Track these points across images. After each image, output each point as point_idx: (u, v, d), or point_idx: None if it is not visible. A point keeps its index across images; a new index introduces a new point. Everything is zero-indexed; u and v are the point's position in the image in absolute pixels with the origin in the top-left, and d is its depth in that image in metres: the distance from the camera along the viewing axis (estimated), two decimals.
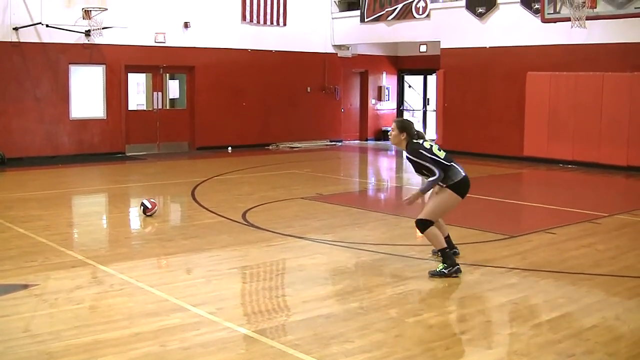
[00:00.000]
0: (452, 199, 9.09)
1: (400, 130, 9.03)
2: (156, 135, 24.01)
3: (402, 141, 9.03)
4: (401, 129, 9.03)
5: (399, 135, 9.02)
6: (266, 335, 6.66)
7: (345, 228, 11.72)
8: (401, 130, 9.02)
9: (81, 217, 13.81)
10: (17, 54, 20.82)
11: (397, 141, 9.08)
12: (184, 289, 8.16)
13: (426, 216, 8.93)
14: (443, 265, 8.78)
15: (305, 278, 8.75)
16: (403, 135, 9.00)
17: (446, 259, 8.83)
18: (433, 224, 8.94)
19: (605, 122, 19.86)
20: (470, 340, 6.67)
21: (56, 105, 21.72)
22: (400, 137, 9.01)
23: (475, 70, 23.29)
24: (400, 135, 9.01)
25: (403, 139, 9.00)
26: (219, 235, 11.13)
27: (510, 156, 22.04)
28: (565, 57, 20.81)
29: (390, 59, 29.86)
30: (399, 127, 9.06)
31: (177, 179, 17.96)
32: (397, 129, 9.06)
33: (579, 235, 11.30)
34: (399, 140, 9.06)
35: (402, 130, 9.02)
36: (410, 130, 9.07)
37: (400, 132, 9.01)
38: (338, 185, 17.30)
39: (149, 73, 24.15)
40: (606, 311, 7.44)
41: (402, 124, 9.11)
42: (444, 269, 8.74)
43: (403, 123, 9.16)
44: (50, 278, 8.58)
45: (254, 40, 25.60)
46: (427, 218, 8.91)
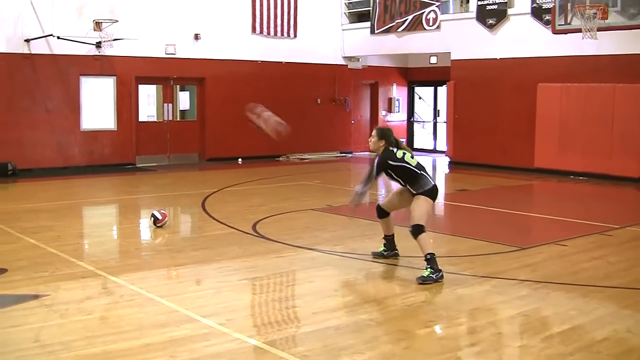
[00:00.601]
0: (430, 203, 9.55)
1: (379, 137, 9.62)
2: (166, 146, 24.04)
3: (379, 147, 9.58)
4: (380, 136, 9.62)
5: (377, 142, 9.61)
6: (276, 346, 6.65)
7: (355, 239, 11.70)
8: (380, 138, 9.61)
9: (92, 228, 13.82)
10: (28, 65, 20.89)
11: (376, 147, 9.64)
12: (194, 300, 8.15)
13: (420, 221, 9.22)
14: (430, 270, 9.00)
15: (315, 289, 8.74)
16: (382, 142, 9.57)
17: (433, 263, 9.05)
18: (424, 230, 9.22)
19: (617, 133, 19.81)
20: (481, 352, 6.64)
21: (67, 116, 21.77)
22: (379, 144, 9.58)
23: (486, 82, 23.26)
24: (379, 142, 9.59)
25: (381, 145, 9.56)
26: (229, 247, 11.12)
27: (520, 168, 21.97)
28: (576, 69, 20.77)
29: (401, 71, 29.86)
30: (379, 134, 9.65)
31: (188, 190, 17.98)
32: (376, 136, 9.65)
33: (590, 248, 11.26)
34: (377, 147, 9.62)
35: (381, 137, 9.61)
36: (389, 138, 9.63)
37: (379, 139, 9.60)
38: (348, 196, 17.25)
39: (159, 84, 24.19)
40: (617, 324, 7.41)
41: (382, 132, 9.69)
42: (431, 274, 8.96)
43: (383, 131, 9.74)
44: (61, 288, 8.58)
45: (264, 52, 25.64)
46: (421, 222, 9.22)
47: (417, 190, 9.37)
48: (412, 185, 9.43)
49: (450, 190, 18.90)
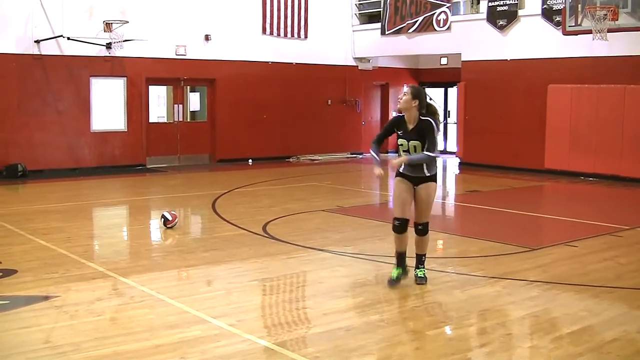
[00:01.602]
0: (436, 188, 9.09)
1: (413, 96, 8.73)
2: (177, 147, 24.07)
3: (412, 108, 8.73)
4: (415, 95, 8.75)
5: (410, 101, 8.70)
6: (287, 347, 6.65)
7: (366, 240, 11.69)
8: (414, 97, 8.73)
9: (102, 229, 13.84)
10: (38, 66, 20.94)
11: (408, 106, 8.73)
12: (205, 301, 8.16)
13: (429, 216, 9.01)
14: (425, 269, 9.06)
15: (326, 290, 8.74)
16: (415, 102, 8.71)
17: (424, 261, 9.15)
18: None
19: (627, 134, 19.76)
20: (491, 353, 6.64)
21: (77, 117, 21.82)
22: (412, 103, 8.71)
23: (496, 83, 23.23)
24: (412, 102, 8.71)
25: (414, 105, 8.71)
26: (240, 248, 11.13)
27: (531, 169, 21.94)
28: (587, 70, 20.73)
29: (411, 72, 29.83)
30: (413, 93, 8.76)
31: (198, 191, 18.00)
32: (410, 94, 8.75)
33: (601, 248, 11.23)
34: (409, 106, 8.72)
35: (416, 97, 8.74)
36: (423, 100, 8.83)
37: (413, 98, 8.72)
38: (359, 197, 17.29)
39: (169, 85, 24.21)
40: (628, 325, 7.39)
41: (417, 91, 8.81)
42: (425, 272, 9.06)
43: (418, 90, 8.86)
44: (71, 290, 8.60)
45: (275, 53, 25.66)
46: (429, 219, 9.01)
47: (430, 172, 8.85)
48: (431, 165, 8.83)
49: (461, 191, 18.89)
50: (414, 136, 8.68)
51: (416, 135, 8.66)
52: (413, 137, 8.69)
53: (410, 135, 8.72)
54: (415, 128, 8.69)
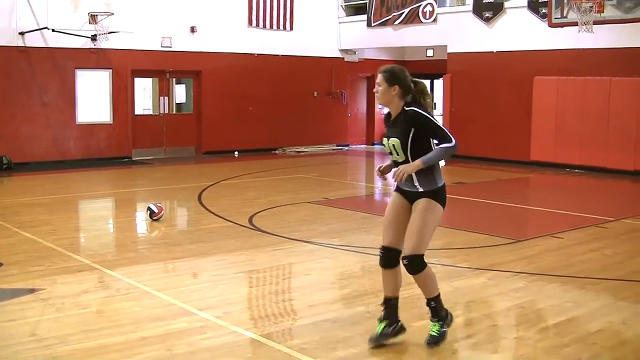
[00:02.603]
0: (439, 214, 6.52)
1: (389, 82, 6.36)
2: (163, 139, 24.03)
3: (394, 97, 6.38)
4: (391, 79, 6.36)
5: (388, 89, 6.36)
6: (273, 339, 6.66)
7: (352, 232, 11.70)
8: (391, 82, 6.35)
9: (88, 221, 13.81)
10: (23, 59, 20.86)
11: (389, 97, 6.39)
12: (191, 293, 8.16)
13: (421, 247, 6.38)
14: (438, 323, 6.49)
15: (312, 282, 8.76)
16: (395, 89, 6.35)
17: (439, 310, 6.52)
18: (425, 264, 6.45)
19: (613, 126, 19.82)
20: (477, 344, 6.65)
21: (63, 110, 21.75)
22: (391, 91, 6.35)
23: (482, 75, 23.27)
24: (390, 90, 6.35)
25: (395, 93, 6.36)
26: (226, 240, 11.12)
27: (517, 161, 21.99)
28: (573, 62, 20.78)
29: (397, 64, 29.70)
30: (388, 78, 6.37)
31: (184, 183, 17.97)
32: (385, 80, 6.37)
33: (586, 240, 11.27)
34: (390, 97, 6.38)
35: (393, 81, 6.36)
36: (403, 81, 6.40)
37: (390, 84, 6.35)
38: (345, 189, 17.29)
39: (155, 77, 24.15)
40: (613, 316, 7.42)
41: (392, 74, 6.39)
42: (441, 327, 6.50)
43: (392, 72, 6.40)
44: (57, 282, 8.58)
45: (261, 45, 25.62)
46: (423, 251, 6.40)
47: (424, 186, 6.41)
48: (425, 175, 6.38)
49: (447, 183, 18.90)
50: (393, 132, 6.37)
51: (395, 131, 6.36)
52: (392, 133, 6.38)
53: (390, 132, 6.44)
54: (395, 120, 6.41)
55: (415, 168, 6.17)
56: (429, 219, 6.34)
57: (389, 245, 6.50)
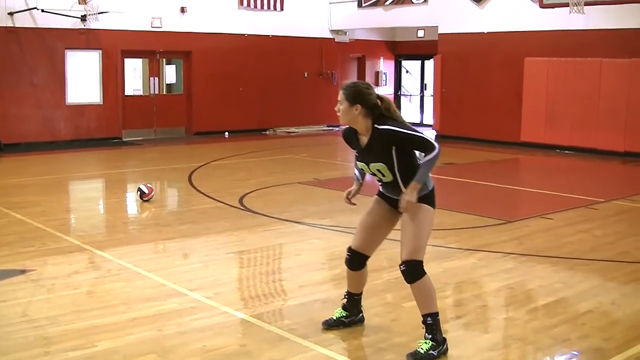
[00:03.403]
0: (432, 217, 6.07)
1: (350, 100, 5.93)
2: (153, 120, 23.96)
3: (357, 117, 5.93)
4: (351, 97, 5.93)
5: (350, 108, 5.93)
6: (263, 319, 6.68)
7: (342, 213, 11.69)
8: (352, 101, 5.92)
9: (78, 202, 13.80)
10: (12, 39, 20.74)
11: (351, 118, 5.95)
12: (181, 274, 8.17)
13: (419, 252, 5.93)
14: (430, 343, 5.88)
15: (302, 263, 8.78)
16: (357, 108, 5.91)
17: (436, 330, 5.94)
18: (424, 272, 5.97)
19: (603, 108, 19.85)
20: (467, 324, 6.68)
21: (53, 90, 21.67)
22: (353, 110, 5.92)
23: (473, 56, 23.25)
24: (352, 109, 5.92)
25: (357, 113, 5.92)
26: (216, 221, 11.13)
27: (507, 142, 22.01)
28: (563, 43, 20.78)
29: (388, 44, 29.79)
30: (348, 95, 5.95)
31: (174, 164, 17.95)
32: (346, 99, 5.95)
33: (576, 221, 11.31)
34: (352, 117, 5.95)
35: (354, 99, 5.92)
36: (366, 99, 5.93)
37: (352, 103, 5.92)
38: (335, 170, 17.30)
39: (145, 58, 24.07)
40: (602, 296, 7.46)
41: (352, 91, 5.95)
42: (432, 349, 5.86)
43: (353, 89, 5.96)
44: (48, 263, 8.58)
45: (251, 26, 25.52)
46: (421, 257, 5.95)
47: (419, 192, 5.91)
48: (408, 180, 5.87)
49: (437, 164, 18.92)
50: (373, 157, 5.92)
51: (375, 155, 5.91)
52: (372, 158, 5.94)
53: (368, 156, 5.99)
54: (370, 143, 5.94)
55: (416, 193, 5.80)
56: (424, 224, 5.93)
57: (358, 249, 6.30)
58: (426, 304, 5.91)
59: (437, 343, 5.85)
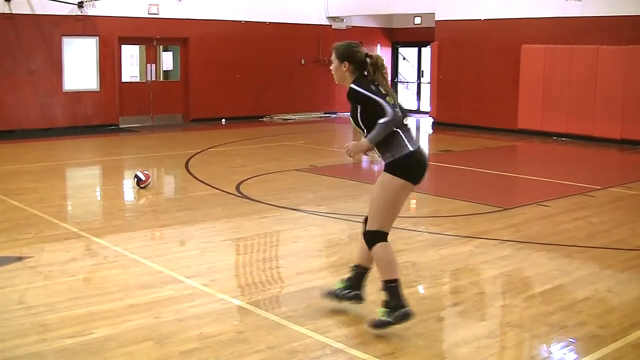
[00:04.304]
0: (395, 187, 5.99)
1: (340, 58, 6.18)
2: (150, 107, 23.92)
3: (346, 74, 6.17)
4: (341, 56, 6.17)
5: (339, 66, 6.18)
6: (260, 306, 6.68)
7: (339, 200, 11.71)
8: (341, 59, 6.16)
9: (75, 189, 13.78)
10: (9, 26, 20.68)
11: (341, 76, 6.22)
12: (178, 261, 8.17)
13: (372, 224, 6.09)
14: (385, 309, 6.06)
15: (299, 250, 8.78)
16: (345, 65, 6.13)
17: (392, 296, 6.05)
18: (385, 237, 6.10)
19: (600, 95, 19.84)
20: (463, 312, 6.69)
21: (49, 77, 21.62)
22: (342, 68, 6.16)
23: (470, 43, 23.22)
24: (341, 67, 6.17)
25: (346, 70, 6.14)
26: (213, 208, 11.13)
27: (504, 129, 22.00)
28: (560, 30, 20.75)
29: (385, 31, 29.74)
30: (339, 54, 6.19)
31: (171, 151, 17.94)
32: (336, 58, 6.20)
33: (573, 208, 11.31)
34: (342, 75, 6.20)
35: (344, 57, 6.15)
36: (358, 57, 6.14)
37: (341, 61, 6.17)
38: (332, 157, 17.29)
39: (142, 45, 24.00)
40: (599, 284, 7.47)
41: (342, 50, 6.18)
42: (387, 314, 6.03)
43: (342, 48, 6.20)
44: (44, 250, 8.58)
45: (248, 12, 25.45)
46: (375, 227, 6.08)
47: (386, 159, 5.99)
48: (384, 146, 5.94)
49: (434, 151, 18.93)
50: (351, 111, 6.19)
51: (350, 109, 6.16)
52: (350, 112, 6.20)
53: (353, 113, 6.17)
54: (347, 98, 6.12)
55: (362, 147, 5.92)
56: (380, 195, 6.00)
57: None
58: (381, 271, 6.09)
59: (391, 309, 5.98)
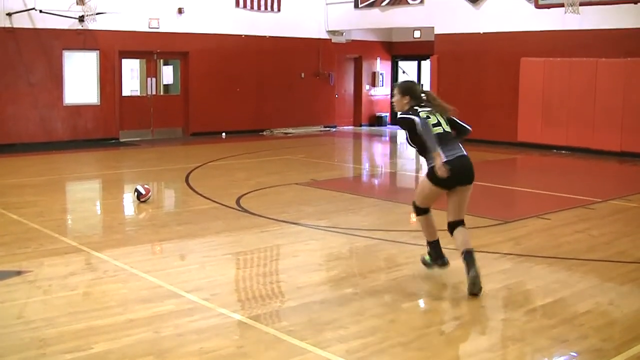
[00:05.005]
0: (427, 185, 7.90)
1: (402, 93, 7.82)
2: (150, 121, 23.95)
3: (404, 106, 7.78)
4: (403, 91, 7.83)
5: (401, 100, 7.81)
6: (260, 321, 6.66)
7: (339, 214, 11.70)
8: (403, 94, 7.81)
9: (75, 203, 13.78)
10: (10, 39, 20.73)
11: (401, 107, 7.79)
12: (178, 275, 8.15)
13: (415, 198, 8.08)
14: (428, 256, 8.16)
15: (300, 264, 8.76)
16: (406, 99, 7.79)
17: (432, 251, 8.10)
18: (426, 211, 8.01)
19: (599, 107, 19.86)
20: (465, 325, 6.68)
21: (50, 91, 21.65)
22: (403, 101, 7.79)
23: (470, 56, 23.26)
24: (402, 100, 7.80)
25: (406, 103, 7.78)
26: (213, 221, 11.11)
27: (504, 142, 22.02)
28: (559, 43, 20.79)
29: (385, 45, 29.81)
30: (401, 90, 7.86)
31: (171, 164, 17.94)
32: (399, 93, 7.84)
33: (573, 221, 11.30)
34: (402, 106, 7.79)
35: (405, 93, 7.82)
36: (415, 92, 7.85)
37: (403, 95, 7.81)
38: (332, 171, 17.29)
39: (142, 59, 24.06)
40: (600, 296, 7.45)
41: (405, 86, 7.92)
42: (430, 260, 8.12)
43: (406, 85, 7.96)
44: (44, 264, 8.56)
45: (248, 26, 25.52)
46: (415, 200, 8.05)
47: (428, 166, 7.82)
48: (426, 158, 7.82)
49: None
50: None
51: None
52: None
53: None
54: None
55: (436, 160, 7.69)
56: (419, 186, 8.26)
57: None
58: (425, 234, 8.15)
59: (432, 257, 8.11)
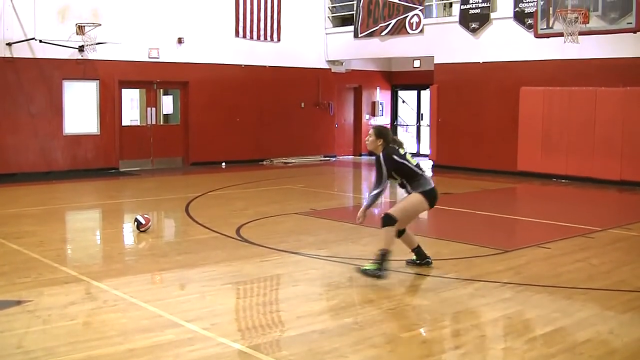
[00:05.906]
0: (422, 204, 9.46)
1: (377, 136, 9.48)
2: (150, 150, 23.98)
3: (378, 147, 9.43)
4: (378, 134, 9.49)
5: (375, 141, 9.46)
6: (260, 350, 6.65)
7: (339, 243, 11.70)
8: (378, 136, 9.47)
9: (75, 232, 13.77)
10: (10, 69, 20.80)
11: (374, 146, 9.47)
12: (178, 305, 8.14)
13: (395, 213, 9.30)
14: (376, 265, 9.10)
15: (300, 293, 8.75)
16: (379, 141, 9.44)
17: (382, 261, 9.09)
18: (394, 224, 9.27)
19: (599, 136, 19.90)
20: (465, 355, 6.66)
21: (50, 120, 21.69)
22: (377, 142, 9.44)
23: (469, 86, 23.32)
24: (377, 141, 9.45)
25: (379, 144, 9.42)
26: (213, 251, 11.11)
27: (504, 171, 22.04)
28: (559, 72, 20.86)
29: (384, 74, 29.89)
30: (376, 133, 9.53)
31: (171, 194, 17.94)
32: (374, 135, 9.52)
33: (573, 250, 11.29)
34: (375, 146, 9.46)
35: (379, 136, 9.47)
36: (387, 136, 9.51)
37: (377, 137, 9.46)
38: (332, 200, 17.29)
39: (142, 88, 24.13)
40: (600, 325, 7.44)
41: (379, 130, 9.57)
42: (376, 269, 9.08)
43: (380, 129, 9.63)
44: (44, 294, 8.55)
45: (248, 56, 25.61)
46: (394, 215, 9.27)
47: (415, 190, 9.39)
48: (411, 185, 9.39)
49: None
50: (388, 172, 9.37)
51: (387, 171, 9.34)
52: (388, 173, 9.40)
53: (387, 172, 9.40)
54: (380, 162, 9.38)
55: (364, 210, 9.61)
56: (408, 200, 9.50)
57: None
58: (385, 242, 9.22)
59: (378, 269, 9.08)
